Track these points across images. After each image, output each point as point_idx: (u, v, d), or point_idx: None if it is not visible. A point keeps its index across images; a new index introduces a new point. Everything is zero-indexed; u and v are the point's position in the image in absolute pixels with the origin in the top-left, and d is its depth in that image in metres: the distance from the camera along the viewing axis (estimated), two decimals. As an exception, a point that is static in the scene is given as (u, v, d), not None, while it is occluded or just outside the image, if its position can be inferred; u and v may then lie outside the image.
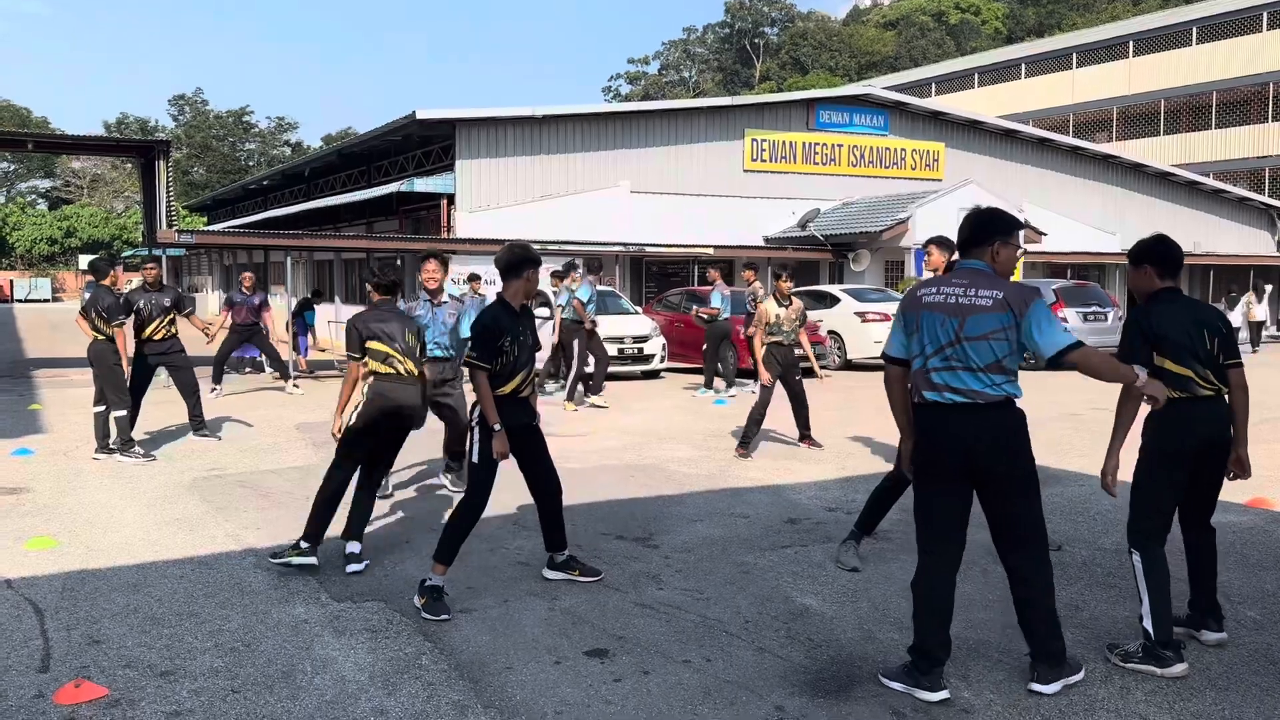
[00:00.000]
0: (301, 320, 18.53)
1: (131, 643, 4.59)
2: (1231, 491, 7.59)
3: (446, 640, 4.61)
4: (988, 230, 4.05)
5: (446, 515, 6.95)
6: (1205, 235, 30.50)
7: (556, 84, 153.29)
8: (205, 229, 37.40)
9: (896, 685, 4.02)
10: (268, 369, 18.17)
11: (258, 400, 13.85)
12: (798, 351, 9.51)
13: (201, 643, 4.59)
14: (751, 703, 3.94)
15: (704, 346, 14.95)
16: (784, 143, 24.86)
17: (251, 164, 79.90)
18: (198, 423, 10.41)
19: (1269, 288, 28.15)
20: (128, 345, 9.43)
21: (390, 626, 4.79)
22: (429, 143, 23.01)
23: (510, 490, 6.72)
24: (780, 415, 9.91)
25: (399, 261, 6.86)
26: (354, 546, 5.81)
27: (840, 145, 25.58)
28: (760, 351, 9.28)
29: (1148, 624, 4.22)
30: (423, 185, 20.91)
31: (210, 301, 42.30)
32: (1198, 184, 31.02)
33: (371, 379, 5.89)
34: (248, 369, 18.59)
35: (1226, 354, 4.29)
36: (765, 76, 78.65)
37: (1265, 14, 37.27)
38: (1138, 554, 4.30)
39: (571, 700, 3.96)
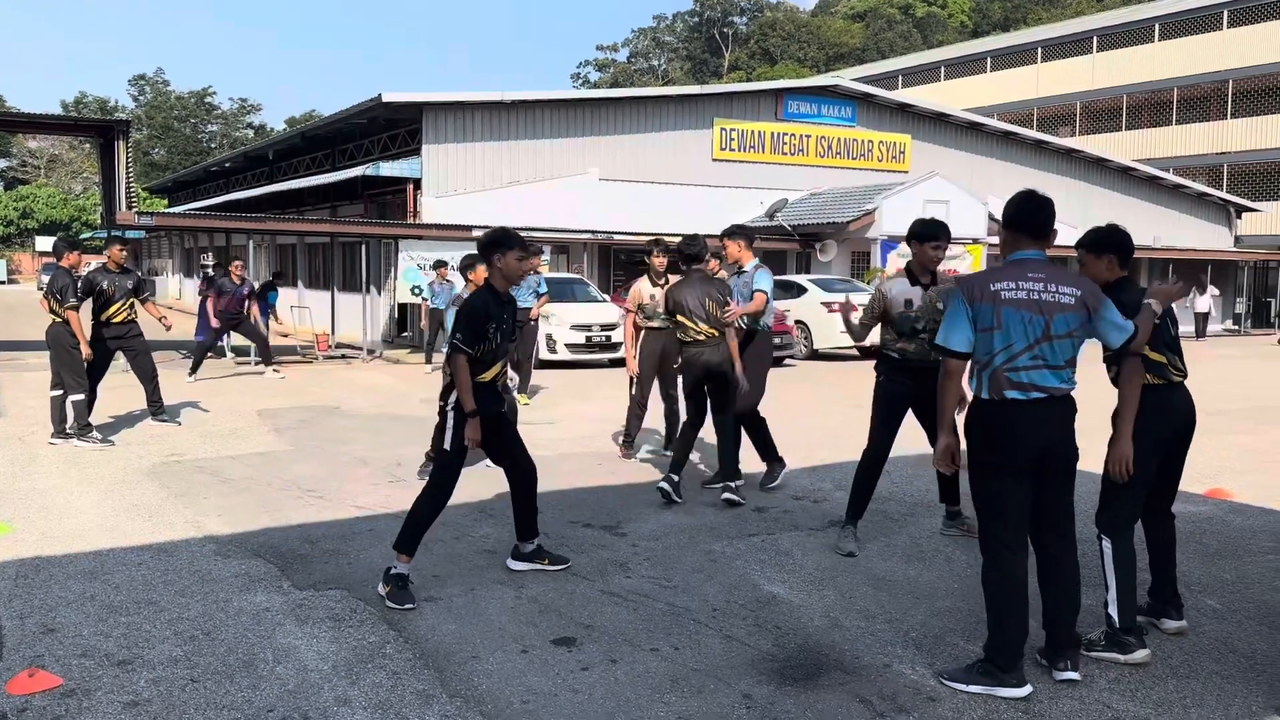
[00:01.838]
0: (264, 303, 18.26)
1: (88, 631, 4.49)
2: (1189, 482, 7.71)
3: (411, 629, 4.55)
4: (1051, 218, 3.97)
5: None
6: (1165, 230, 30.95)
7: (525, 70, 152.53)
8: (166, 211, 36.89)
9: (975, 689, 3.90)
10: (228, 354, 17.94)
11: (220, 385, 13.66)
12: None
13: (160, 631, 4.50)
14: (719, 691, 3.93)
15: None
16: (753, 132, 24.87)
17: (213, 146, 78.73)
18: (156, 407, 10.24)
19: (1212, 288, 28.80)
20: (84, 328, 9.25)
21: (354, 615, 4.73)
22: (395, 126, 22.77)
23: (477, 477, 6.68)
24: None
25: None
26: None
27: (808, 136, 25.64)
28: (630, 336, 8.61)
29: (1113, 610, 4.26)
30: (388, 169, 20.70)
31: (171, 285, 41.73)
32: (1158, 179, 31.45)
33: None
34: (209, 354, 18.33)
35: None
36: (734, 66, 78.68)
37: (1225, 12, 37.79)
38: (1108, 541, 4.32)
39: (539, 689, 3.92)
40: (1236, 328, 31.61)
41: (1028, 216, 3.97)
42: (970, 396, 4.08)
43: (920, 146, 27.25)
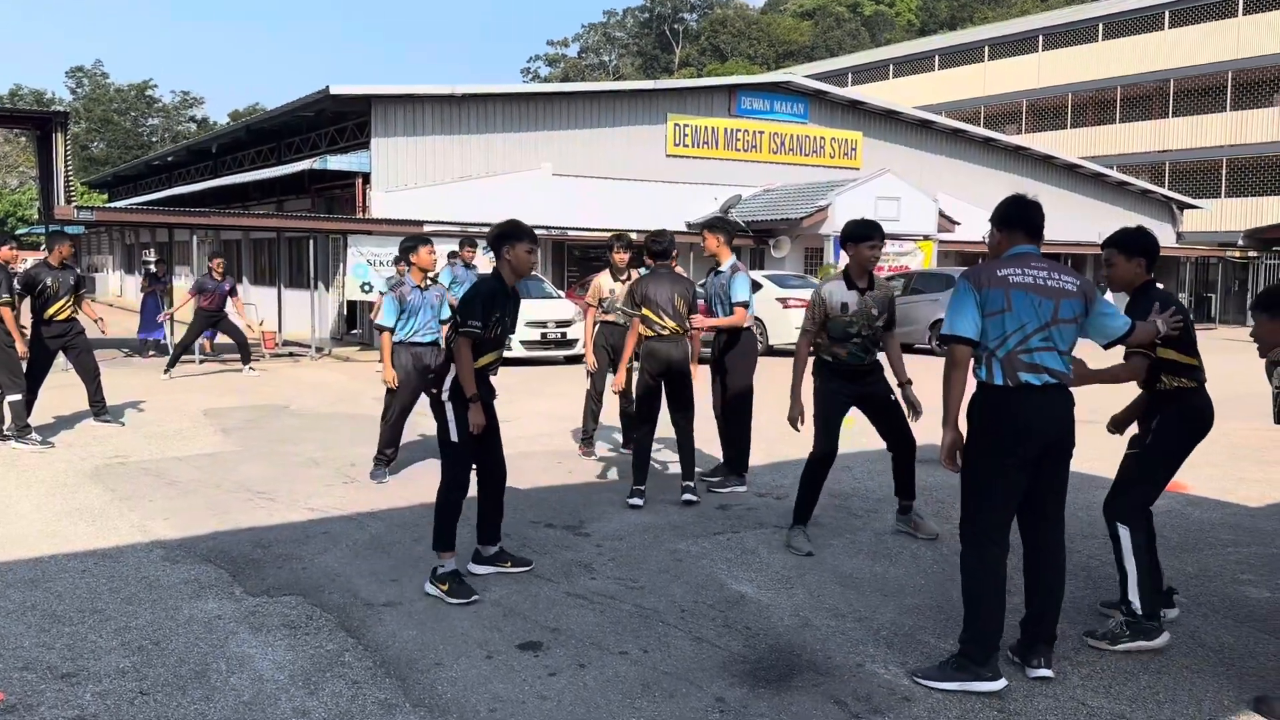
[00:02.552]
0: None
1: (29, 643, 4.28)
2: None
3: (371, 636, 4.40)
4: (1043, 218, 4.09)
5: (372, 506, 6.73)
6: (1110, 226, 31.20)
7: (474, 65, 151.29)
8: (106, 206, 35.95)
9: (951, 685, 3.86)
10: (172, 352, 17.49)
11: (166, 384, 13.29)
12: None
13: (106, 641, 4.31)
14: (691, 694, 3.83)
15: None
16: (706, 128, 24.84)
17: (155, 140, 77.00)
18: (99, 407, 9.92)
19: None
20: (23, 326, 8.92)
21: (310, 622, 4.57)
22: (343, 119, 22.38)
23: (434, 476, 6.52)
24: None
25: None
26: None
27: (761, 132, 25.67)
28: (590, 332, 8.54)
29: (1134, 597, 4.27)
30: (336, 163, 20.32)
31: (111, 282, 40.73)
32: (1103, 176, 31.96)
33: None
34: (151, 352, 17.89)
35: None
36: (685, 62, 78.73)
37: (1167, 12, 38.53)
38: (1125, 528, 4.33)
39: (505, 697, 3.80)
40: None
41: (1025, 216, 4.07)
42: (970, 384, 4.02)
43: (871, 143, 27.41)
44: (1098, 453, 8.82)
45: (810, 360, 5.94)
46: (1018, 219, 4.07)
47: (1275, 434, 9.69)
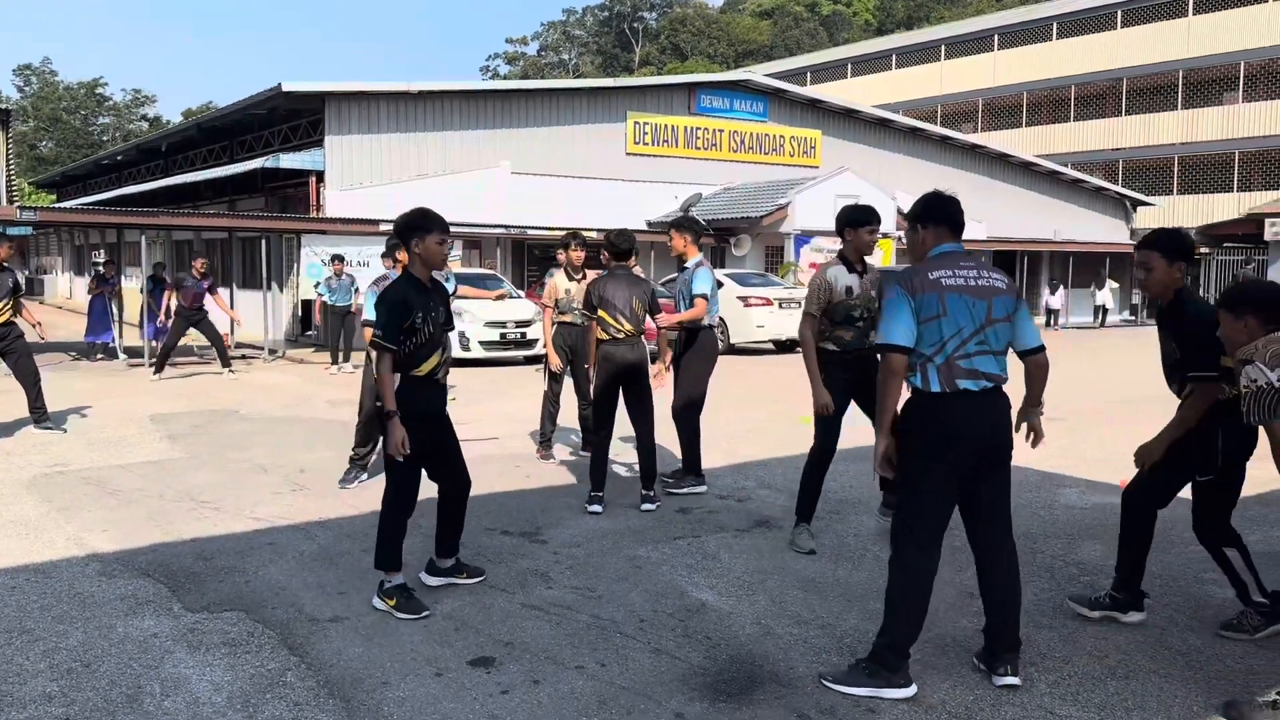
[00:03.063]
0: (158, 297, 17.39)
1: (-52, 668, 4.04)
2: (1108, 472, 7.77)
3: (315, 653, 4.21)
4: (962, 214, 4.01)
5: (322, 515, 6.52)
6: (1065, 223, 31.81)
7: (432, 63, 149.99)
8: (52, 206, 35.13)
9: (860, 690, 3.76)
10: (120, 355, 17.09)
11: (111, 388, 12.93)
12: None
13: (34, 664, 4.08)
14: (650, 710, 3.69)
15: None
16: (666, 126, 24.74)
17: (105, 139, 75.51)
18: (39, 414, 9.58)
19: (1111, 281, 29.87)
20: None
21: (251, 639, 4.36)
22: (296, 117, 22.00)
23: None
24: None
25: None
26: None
27: (721, 130, 25.62)
28: (549, 333, 8.30)
29: (1259, 598, 4.41)
30: (290, 161, 19.96)
31: (61, 284, 39.85)
32: (1058, 174, 32.29)
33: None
34: (99, 355, 17.45)
35: None
36: (645, 61, 78.65)
37: (1119, 12, 39.01)
38: (1234, 550, 4.45)
39: (455, 716, 3.63)
40: (1134, 318, 32.65)
41: (947, 213, 3.97)
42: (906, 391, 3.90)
43: (830, 142, 27.47)
44: (1060, 451, 8.80)
45: None
46: (941, 215, 3.96)
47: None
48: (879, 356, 3.88)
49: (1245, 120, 36.09)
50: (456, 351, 15.62)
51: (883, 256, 23.84)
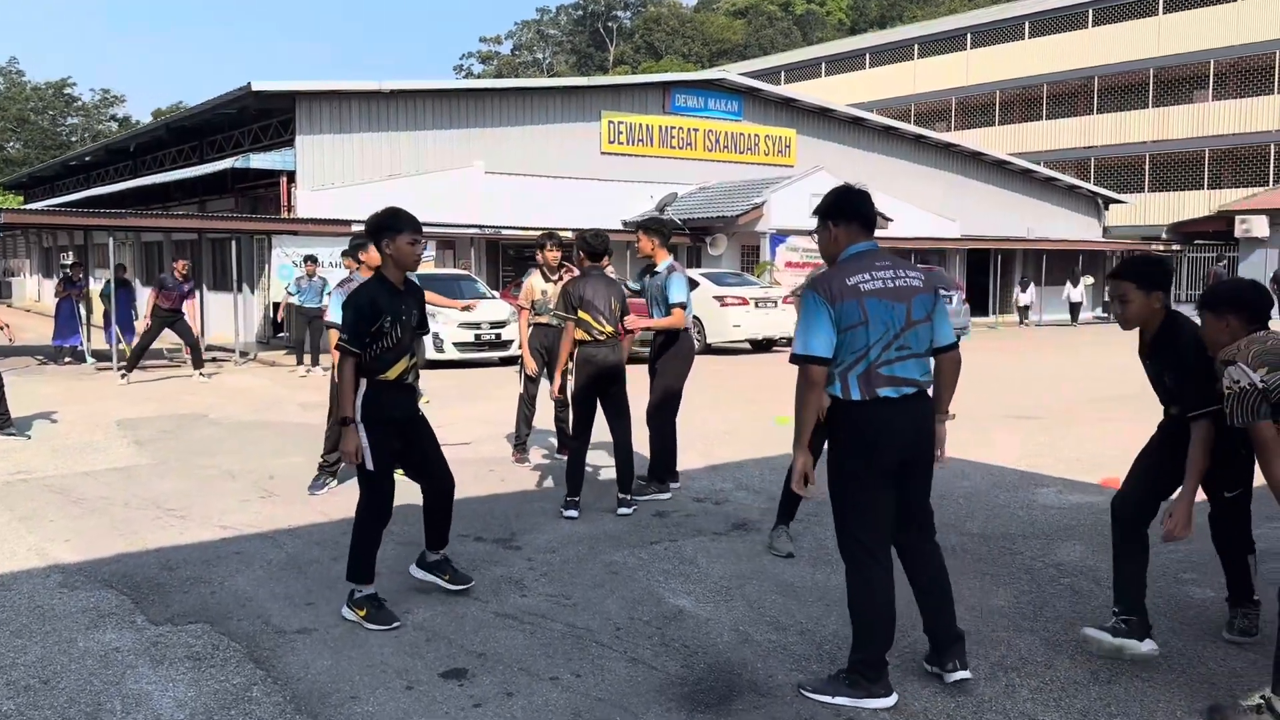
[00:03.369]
0: (122, 304, 17.12)
1: (-101, 687, 3.90)
2: (1084, 471, 7.76)
3: (282, 666, 4.09)
4: (873, 209, 3.87)
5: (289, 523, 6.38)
6: (1039, 221, 31.98)
7: (405, 62, 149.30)
8: (18, 208, 34.61)
9: (840, 700, 3.69)
10: (89, 359, 16.82)
11: (78, 392, 12.70)
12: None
13: (-12, 682, 3.94)
14: (626, 723, 3.60)
15: None
16: (641, 125, 24.66)
17: (74, 139, 74.53)
18: (3, 420, 9.38)
19: (1085, 279, 30.09)
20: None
21: (216, 653, 4.24)
22: (267, 117, 21.76)
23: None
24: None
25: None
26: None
27: (696, 130, 25.58)
28: (525, 335, 8.20)
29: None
30: (260, 162, 19.74)
31: (29, 286, 39.29)
32: (1031, 172, 32.48)
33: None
34: (66, 359, 17.17)
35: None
36: (619, 60, 78.57)
37: (1091, 11, 39.32)
38: (1252, 557, 4.41)
39: (426, 732, 3.53)
40: (1106, 315, 32.87)
41: (858, 208, 3.79)
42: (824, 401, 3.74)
43: (805, 141, 27.49)
44: (1037, 450, 8.78)
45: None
46: (853, 212, 3.78)
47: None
48: (796, 368, 3.70)
49: (1215, 118, 36.47)
50: (430, 353, 15.47)
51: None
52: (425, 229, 4.87)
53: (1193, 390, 3.92)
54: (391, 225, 4.58)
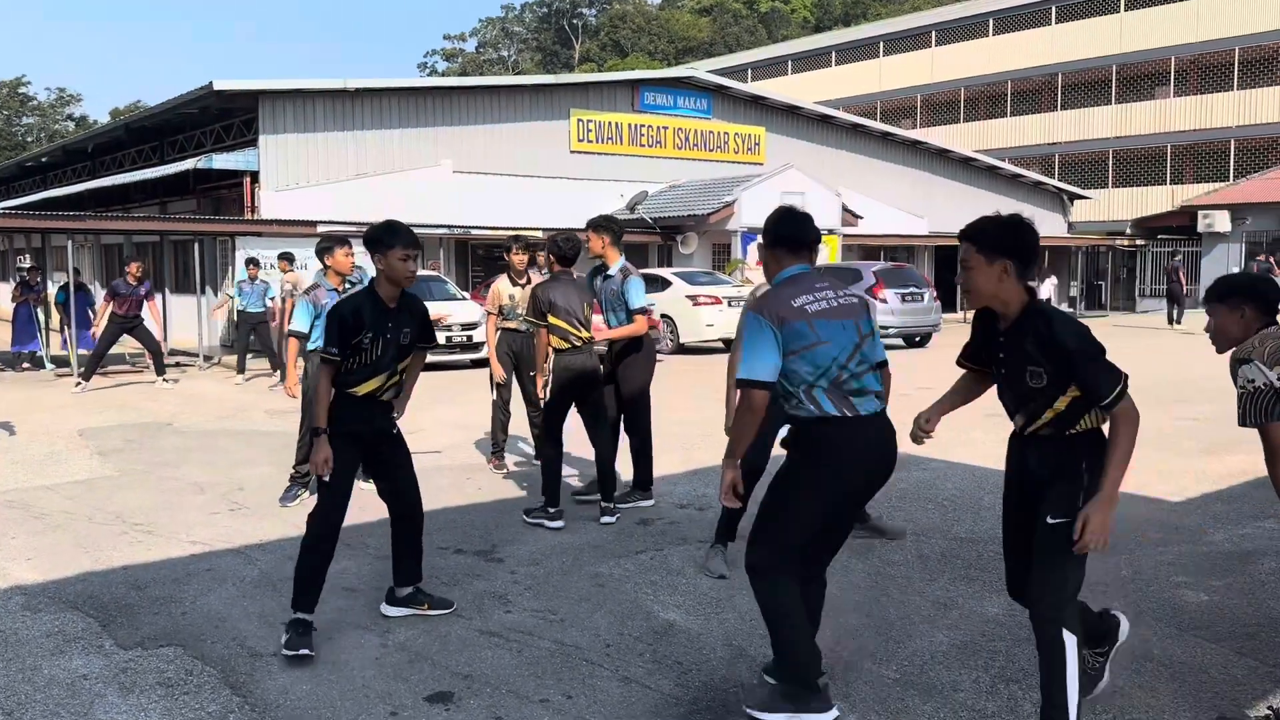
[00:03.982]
0: (81, 308, 16.71)
1: None
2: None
3: (259, 692, 3.92)
4: (814, 234, 3.77)
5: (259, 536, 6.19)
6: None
7: (369, 60, 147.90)
8: (-27, 210, 33.83)
9: (779, 717, 3.56)
10: (48, 365, 16.42)
11: (40, 400, 12.36)
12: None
13: (-53, 715, 3.74)
14: (621, 747, 3.47)
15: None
16: (610, 124, 24.50)
17: (30, 140, 73.12)
18: (-42, 432, 9.09)
19: (1052, 277, 30.36)
20: None
21: (190, 678, 4.06)
22: (229, 116, 21.37)
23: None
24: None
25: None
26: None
27: (665, 128, 25.46)
28: (493, 341, 8.01)
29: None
30: (222, 162, 19.37)
31: (-17, 290, 38.43)
32: (997, 169, 32.67)
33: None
34: (25, 365, 16.75)
35: None
36: (585, 58, 78.28)
37: (1054, 8, 39.63)
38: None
39: (413, 761, 3.38)
40: (1072, 310, 33.15)
41: (791, 232, 3.71)
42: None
43: (774, 139, 27.45)
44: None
45: None
46: (786, 235, 3.70)
47: (1187, 423, 9.79)
48: (738, 391, 3.58)
49: (1176, 114, 36.88)
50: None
51: (829, 253, 23.87)
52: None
53: (1103, 370, 3.16)
54: (382, 239, 4.40)
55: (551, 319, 6.30)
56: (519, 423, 8.53)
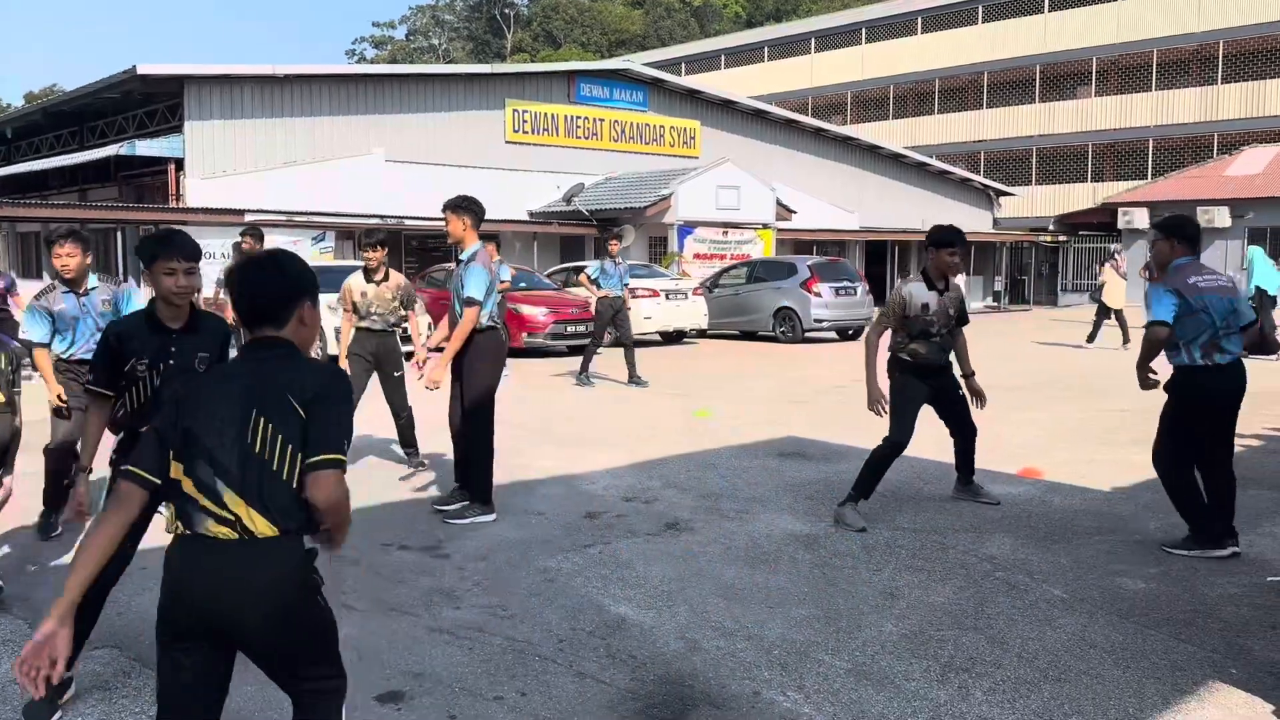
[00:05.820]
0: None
1: None
2: (1002, 461, 7.85)
3: (203, 695, 3.79)
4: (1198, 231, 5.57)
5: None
6: (934, 213, 32.66)
7: (295, 46, 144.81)
8: (-123, 195, 32.40)
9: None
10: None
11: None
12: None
13: None
14: (579, 743, 3.44)
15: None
16: (546, 115, 24.35)
17: (-65, 122, 70.24)
18: None
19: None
20: None
21: (128, 681, 3.93)
22: (153, 101, 20.77)
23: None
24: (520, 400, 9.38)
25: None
26: None
27: (602, 120, 25.38)
28: (346, 338, 7.66)
29: None
30: (145, 148, 18.82)
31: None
32: (926, 165, 33.23)
33: None
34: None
35: None
36: (518, 48, 77.67)
37: (981, 8, 40.39)
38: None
39: (367, 763, 3.30)
40: (996, 304, 33.88)
41: (1190, 232, 5.52)
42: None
43: (709, 133, 27.54)
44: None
45: (885, 356, 6.18)
46: (1187, 233, 5.53)
47: (1114, 414, 10.04)
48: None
49: (1097, 114, 37.88)
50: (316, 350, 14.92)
51: (764, 247, 24.04)
52: (323, 219, 4.52)
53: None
54: (148, 251, 3.72)
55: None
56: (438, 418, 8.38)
